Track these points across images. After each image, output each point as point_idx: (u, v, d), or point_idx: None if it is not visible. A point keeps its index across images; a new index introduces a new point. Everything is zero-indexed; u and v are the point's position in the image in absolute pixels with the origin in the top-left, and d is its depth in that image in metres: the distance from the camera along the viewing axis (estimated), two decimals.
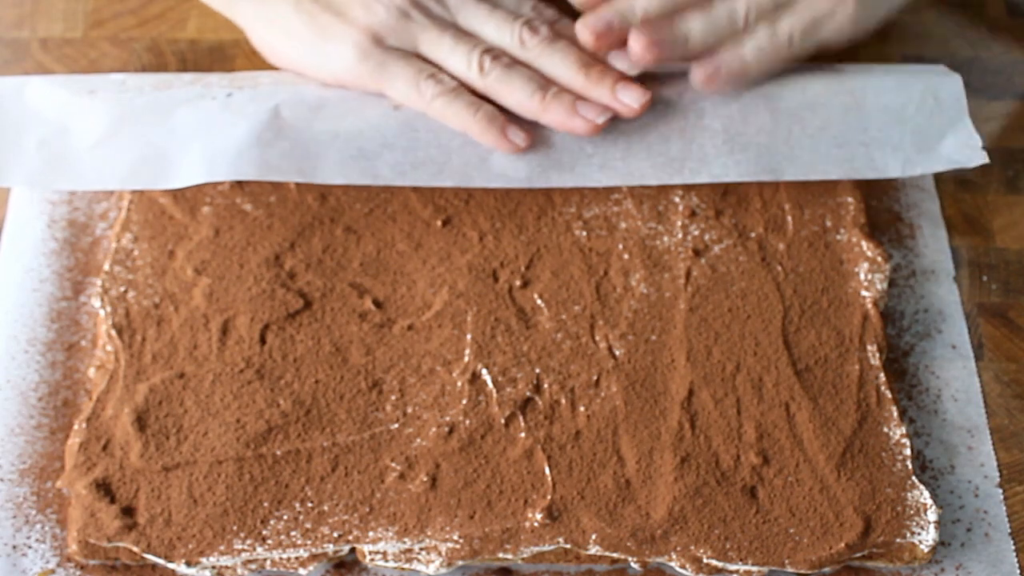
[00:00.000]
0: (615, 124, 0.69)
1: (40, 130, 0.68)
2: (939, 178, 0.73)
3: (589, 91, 0.66)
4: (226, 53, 0.78)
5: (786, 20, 0.68)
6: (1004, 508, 0.61)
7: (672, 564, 0.58)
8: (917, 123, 0.70)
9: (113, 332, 0.64)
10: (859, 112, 0.70)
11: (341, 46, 0.66)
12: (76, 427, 0.61)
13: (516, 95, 0.66)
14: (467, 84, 0.67)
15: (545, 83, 0.66)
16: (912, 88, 0.71)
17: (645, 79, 0.69)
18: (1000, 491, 0.62)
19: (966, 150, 0.69)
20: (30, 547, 0.59)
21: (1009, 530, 0.60)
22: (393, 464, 0.60)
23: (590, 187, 0.69)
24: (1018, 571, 0.59)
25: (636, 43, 0.66)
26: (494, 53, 0.66)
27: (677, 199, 0.69)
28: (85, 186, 0.67)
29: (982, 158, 0.68)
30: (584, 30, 0.67)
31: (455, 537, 0.58)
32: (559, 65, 0.67)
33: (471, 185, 0.67)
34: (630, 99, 0.66)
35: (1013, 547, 0.60)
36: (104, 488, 0.59)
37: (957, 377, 0.65)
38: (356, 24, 0.66)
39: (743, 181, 0.68)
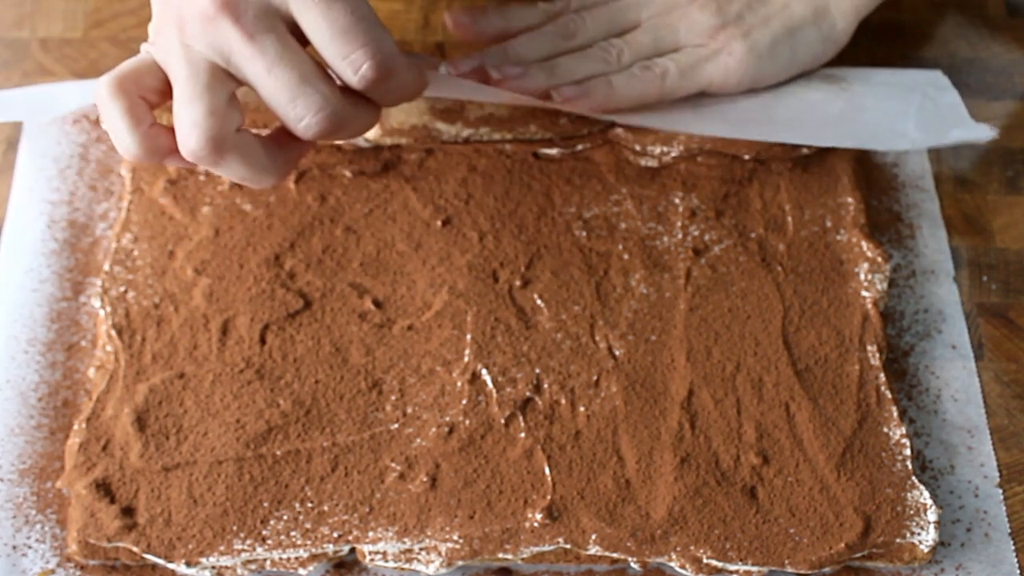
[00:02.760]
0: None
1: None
2: (939, 178, 0.73)
3: None
4: None
5: (664, 58, 0.69)
6: (1004, 508, 0.61)
7: (672, 564, 0.58)
8: (919, 119, 0.70)
9: (113, 332, 0.63)
10: (859, 114, 0.70)
11: None
12: (76, 427, 0.61)
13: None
14: None
15: None
16: (910, 99, 0.71)
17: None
18: (1000, 491, 0.62)
19: (974, 132, 0.69)
20: (30, 547, 0.59)
21: (1009, 530, 0.60)
22: (393, 464, 0.60)
23: (596, 180, 0.70)
24: (1018, 571, 0.59)
25: (493, 75, 0.68)
26: None
27: (677, 200, 0.69)
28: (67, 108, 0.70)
29: (994, 132, 0.68)
30: (451, 67, 0.69)
31: (455, 537, 0.58)
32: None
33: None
34: None
35: (1013, 547, 0.60)
36: (104, 488, 0.59)
37: (957, 377, 0.65)
38: None
39: (750, 139, 0.69)
